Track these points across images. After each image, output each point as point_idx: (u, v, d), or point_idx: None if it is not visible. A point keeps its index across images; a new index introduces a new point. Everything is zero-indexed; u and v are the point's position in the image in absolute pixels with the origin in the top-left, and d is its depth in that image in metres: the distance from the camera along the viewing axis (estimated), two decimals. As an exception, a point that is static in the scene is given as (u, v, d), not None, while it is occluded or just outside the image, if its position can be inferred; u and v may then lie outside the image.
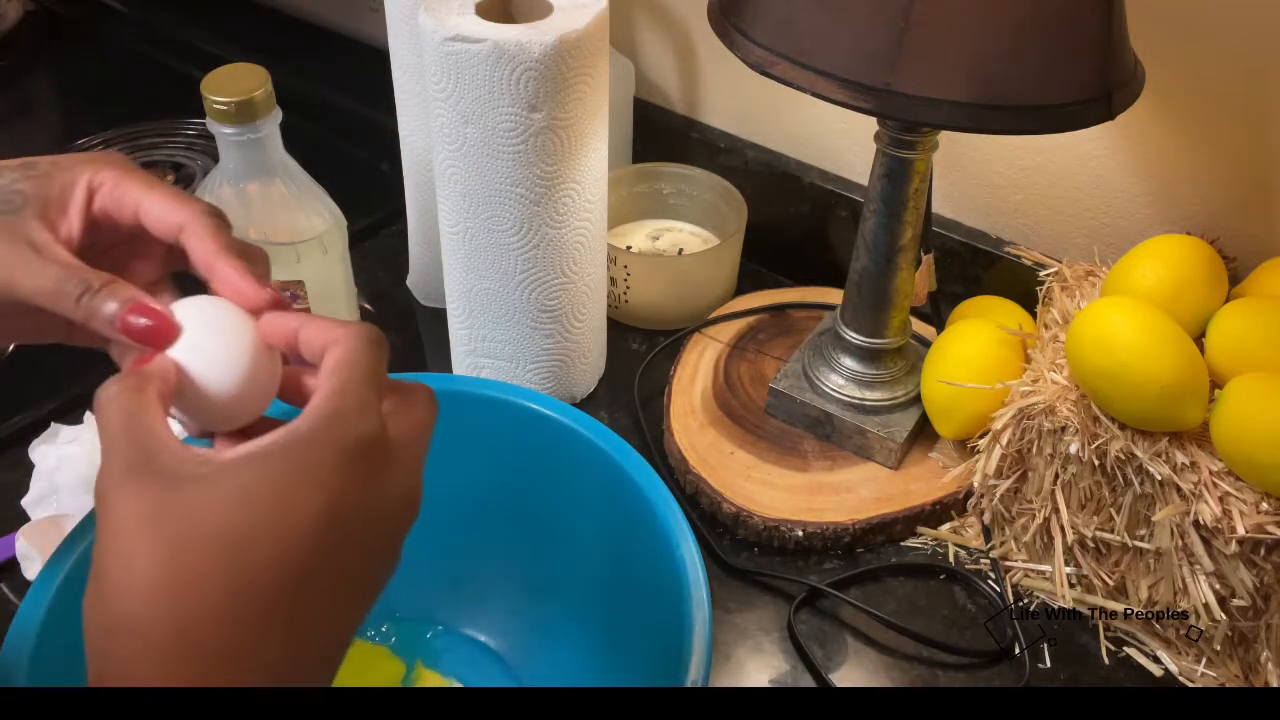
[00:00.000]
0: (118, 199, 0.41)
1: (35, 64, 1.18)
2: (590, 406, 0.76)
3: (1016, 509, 0.64)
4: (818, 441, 0.71)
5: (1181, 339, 0.56)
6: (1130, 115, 0.57)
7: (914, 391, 0.70)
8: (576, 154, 0.64)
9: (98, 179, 0.41)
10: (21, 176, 0.40)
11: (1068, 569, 0.62)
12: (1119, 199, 0.72)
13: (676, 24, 0.87)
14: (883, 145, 0.62)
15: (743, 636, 0.62)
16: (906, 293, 0.68)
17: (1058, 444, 0.59)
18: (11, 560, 0.62)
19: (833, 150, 0.84)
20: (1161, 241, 0.63)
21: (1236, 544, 0.54)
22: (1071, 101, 0.52)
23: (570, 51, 0.60)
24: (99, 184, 0.41)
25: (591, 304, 0.72)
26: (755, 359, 0.77)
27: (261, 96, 0.62)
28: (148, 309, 0.38)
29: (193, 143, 1.01)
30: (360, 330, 0.37)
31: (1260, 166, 0.66)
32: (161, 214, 0.41)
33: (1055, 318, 0.65)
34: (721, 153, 0.88)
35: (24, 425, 0.71)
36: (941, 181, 0.78)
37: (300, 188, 0.66)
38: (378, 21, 0.77)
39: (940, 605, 0.64)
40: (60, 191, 0.40)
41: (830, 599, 0.64)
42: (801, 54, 0.54)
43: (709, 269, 0.81)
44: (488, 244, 0.66)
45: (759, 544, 0.67)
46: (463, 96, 0.61)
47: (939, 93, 0.51)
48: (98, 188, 0.41)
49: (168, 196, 0.41)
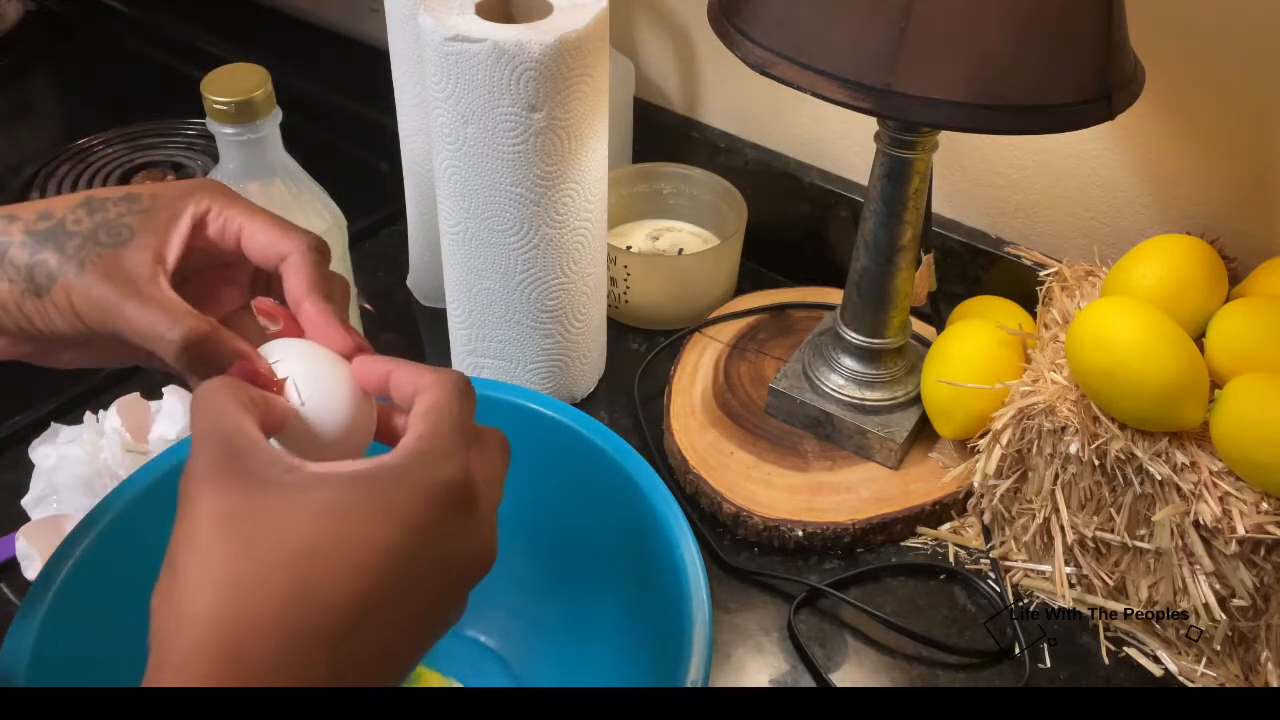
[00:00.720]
0: (221, 227, 0.42)
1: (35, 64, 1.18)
2: (590, 406, 0.76)
3: (1016, 509, 0.64)
4: (818, 441, 0.71)
5: (1181, 339, 0.56)
6: (1130, 115, 0.57)
7: (914, 391, 0.70)
8: (576, 154, 0.64)
9: (201, 208, 0.41)
10: (127, 210, 0.41)
11: (1068, 569, 0.62)
12: (1119, 199, 0.72)
13: (676, 24, 0.87)
14: (883, 145, 0.62)
15: (743, 636, 0.62)
16: (906, 293, 0.68)
17: (1058, 444, 0.59)
18: (11, 560, 0.62)
19: (833, 150, 0.83)
20: (1161, 241, 0.63)
21: (1236, 544, 0.54)
22: (1071, 101, 0.52)
23: (570, 51, 0.60)
24: (202, 212, 0.41)
25: (591, 304, 0.72)
26: (755, 359, 0.77)
27: (261, 96, 0.62)
28: (254, 371, 0.38)
29: (193, 143, 1.01)
30: (451, 378, 0.38)
31: (1260, 166, 0.66)
32: (265, 242, 0.41)
33: (1055, 318, 0.65)
34: (721, 153, 0.88)
35: (24, 425, 0.71)
36: (941, 181, 0.78)
37: (300, 188, 0.66)
38: (378, 21, 0.77)
39: (940, 605, 0.64)
40: (166, 224, 0.41)
41: (830, 599, 0.64)
42: (801, 54, 0.54)
43: (709, 269, 0.81)
44: (488, 244, 0.66)
45: (759, 544, 0.67)
46: (463, 96, 0.61)
47: (939, 93, 0.51)
48: (203, 216, 0.41)
49: (272, 225, 0.42)
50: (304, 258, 0.41)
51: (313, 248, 0.41)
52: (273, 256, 0.41)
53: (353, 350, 0.40)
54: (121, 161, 0.98)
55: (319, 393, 0.38)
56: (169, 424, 0.65)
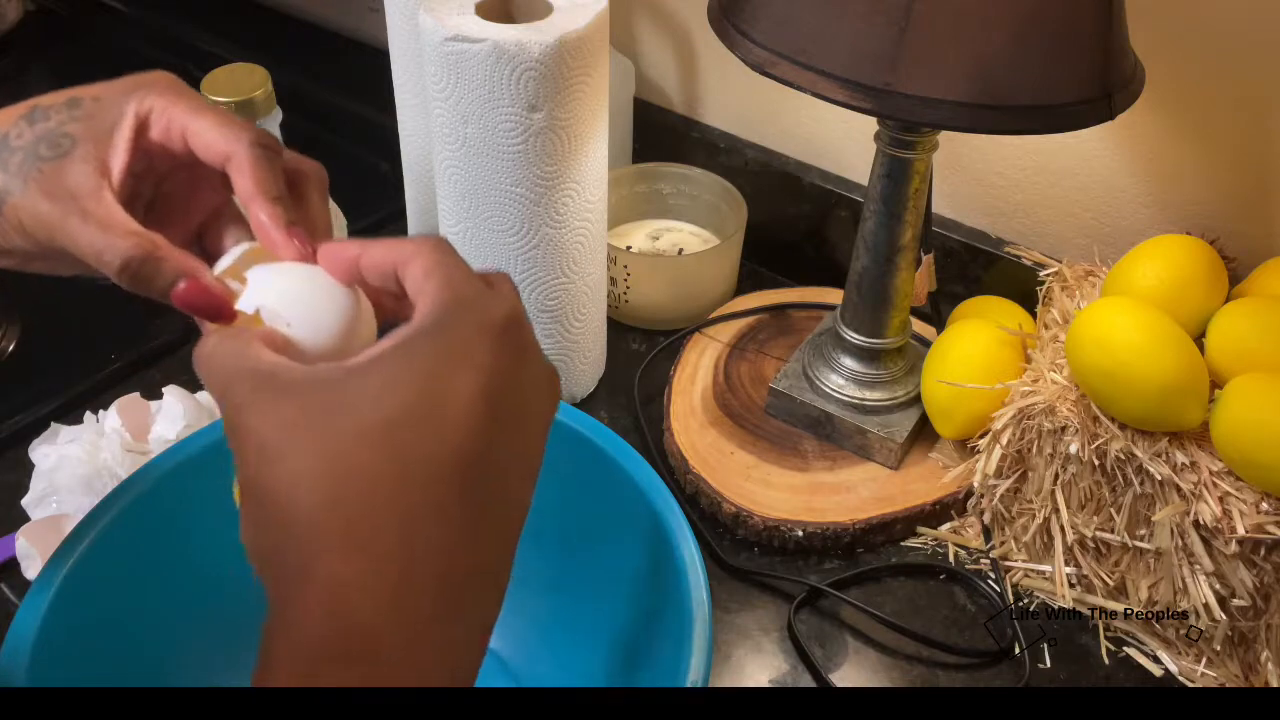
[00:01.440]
0: (165, 127, 0.39)
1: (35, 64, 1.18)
2: (590, 406, 0.76)
3: (1016, 509, 0.64)
4: (818, 441, 0.71)
5: (1181, 339, 0.56)
6: (1130, 115, 0.57)
7: (914, 391, 0.70)
8: (576, 154, 0.64)
9: (144, 107, 0.39)
10: (69, 117, 0.39)
11: (1068, 569, 0.62)
12: (1119, 199, 0.72)
13: (676, 24, 0.87)
14: (883, 145, 0.62)
15: (743, 636, 0.62)
16: (906, 293, 0.68)
17: (1058, 444, 0.59)
18: (11, 560, 0.62)
19: (833, 150, 0.83)
20: (1161, 241, 0.63)
21: (1236, 544, 0.54)
22: (1071, 101, 0.52)
23: (570, 51, 0.60)
24: (145, 113, 0.39)
25: (591, 304, 0.72)
26: (755, 359, 0.77)
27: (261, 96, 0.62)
28: (202, 289, 0.36)
29: (193, 143, 1.01)
30: (432, 240, 0.35)
31: (1260, 166, 0.66)
32: (209, 142, 0.39)
33: (1055, 318, 0.65)
34: (721, 153, 0.88)
35: (24, 425, 0.71)
36: (941, 181, 0.78)
37: (300, 188, 0.66)
38: (378, 21, 0.77)
39: (940, 605, 0.64)
40: (108, 130, 0.38)
41: (830, 599, 0.64)
42: (801, 54, 0.54)
43: (709, 269, 0.81)
44: (488, 244, 0.66)
45: (759, 544, 0.67)
46: (463, 96, 0.61)
47: (939, 93, 0.51)
48: (145, 117, 0.39)
49: (215, 124, 0.39)
50: (248, 156, 0.38)
51: (256, 143, 0.38)
52: (217, 157, 0.38)
53: (301, 254, 0.37)
54: (121, 161, 0.98)
55: (299, 307, 0.36)
56: (169, 424, 0.65)
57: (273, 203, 0.38)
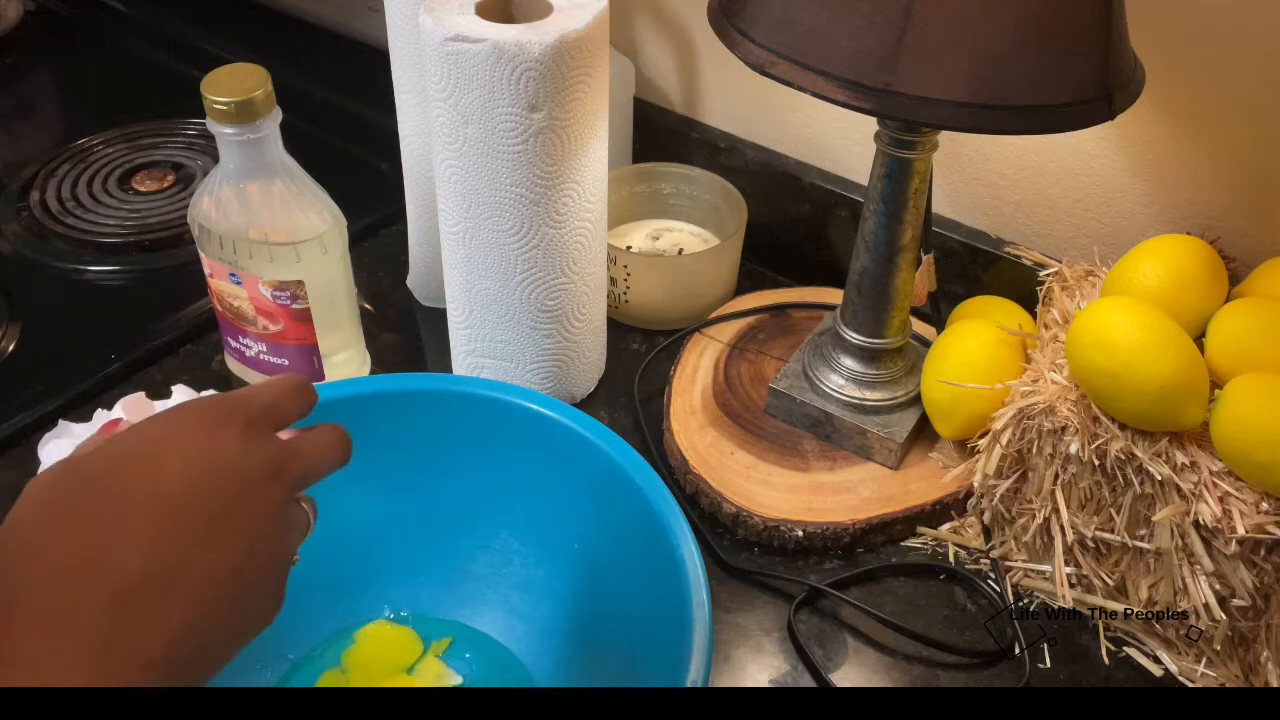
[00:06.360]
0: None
1: (35, 64, 1.18)
2: (590, 406, 0.76)
3: (1016, 509, 0.64)
4: (818, 441, 0.71)
5: (1181, 339, 0.56)
6: (1130, 115, 0.57)
7: (914, 391, 0.70)
8: (576, 154, 0.64)
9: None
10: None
11: (1068, 569, 0.62)
12: (1119, 199, 0.72)
13: (676, 24, 0.87)
14: (883, 145, 0.62)
15: (743, 636, 0.62)
16: (906, 293, 0.68)
17: (1058, 444, 0.59)
18: (12, 560, 0.62)
19: (833, 150, 0.84)
20: (1161, 241, 0.63)
21: (1236, 544, 0.54)
22: (1071, 101, 0.52)
23: (570, 51, 0.60)
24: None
25: (591, 304, 0.72)
26: (755, 359, 0.77)
27: (261, 96, 0.62)
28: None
29: (193, 143, 1.01)
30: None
31: (1260, 166, 0.66)
32: None
33: (1055, 318, 0.65)
34: (721, 153, 0.88)
35: (32, 422, 0.72)
36: (941, 181, 0.78)
37: (300, 187, 0.66)
38: (378, 21, 0.77)
39: (940, 605, 0.64)
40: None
41: (830, 599, 0.64)
42: (801, 54, 0.54)
43: (709, 269, 0.81)
44: (488, 244, 0.66)
45: (759, 544, 0.67)
46: (463, 96, 0.61)
47: (939, 93, 0.51)
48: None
49: None
50: None
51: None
52: None
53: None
54: (121, 161, 0.98)
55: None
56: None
57: None
